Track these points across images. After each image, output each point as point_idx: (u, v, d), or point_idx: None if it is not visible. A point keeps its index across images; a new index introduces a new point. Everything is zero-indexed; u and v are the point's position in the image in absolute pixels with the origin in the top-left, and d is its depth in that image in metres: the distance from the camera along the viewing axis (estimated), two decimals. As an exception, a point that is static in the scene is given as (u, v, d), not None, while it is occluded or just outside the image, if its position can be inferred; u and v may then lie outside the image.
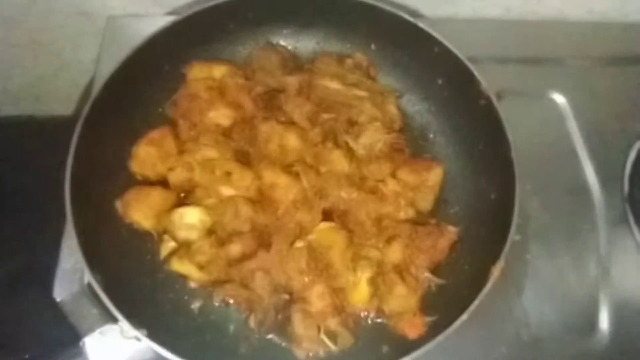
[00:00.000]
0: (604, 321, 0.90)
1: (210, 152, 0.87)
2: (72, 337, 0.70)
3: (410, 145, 0.95)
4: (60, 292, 0.79)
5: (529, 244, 0.95)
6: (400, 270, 0.82)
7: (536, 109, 1.07)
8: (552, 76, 1.10)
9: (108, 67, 0.87)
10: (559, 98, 1.07)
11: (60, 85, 1.36)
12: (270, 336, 0.81)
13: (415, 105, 0.99)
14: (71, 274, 0.82)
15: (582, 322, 0.90)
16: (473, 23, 1.15)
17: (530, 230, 0.96)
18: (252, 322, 0.81)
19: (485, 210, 0.87)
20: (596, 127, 1.05)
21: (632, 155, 1.02)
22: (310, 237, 0.82)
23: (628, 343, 0.89)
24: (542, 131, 1.05)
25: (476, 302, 0.74)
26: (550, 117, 1.06)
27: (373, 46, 0.99)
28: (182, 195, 0.88)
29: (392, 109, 0.94)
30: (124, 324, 0.71)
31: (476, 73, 0.88)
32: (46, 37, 1.21)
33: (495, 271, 0.76)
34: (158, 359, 0.77)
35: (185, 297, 0.84)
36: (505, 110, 0.87)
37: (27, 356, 0.64)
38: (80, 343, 0.71)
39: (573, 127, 1.05)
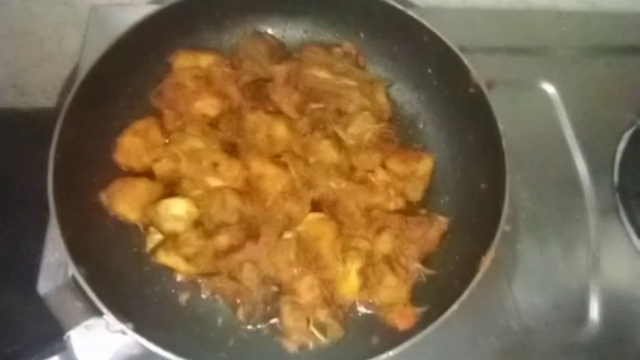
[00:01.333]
0: (594, 311, 0.90)
1: (197, 143, 0.86)
2: (56, 331, 0.68)
3: (400, 135, 0.94)
4: (44, 285, 0.77)
5: (520, 234, 0.94)
6: (390, 261, 0.81)
7: (526, 99, 1.06)
8: (541, 66, 1.10)
9: (92, 57, 0.85)
10: (549, 88, 1.07)
11: (43, 77, 1.33)
12: (259, 328, 0.80)
13: (405, 95, 0.98)
14: (55, 267, 0.80)
15: (572, 311, 0.90)
16: (463, 12, 1.14)
17: (520, 220, 0.95)
18: (240, 315, 0.80)
19: (475, 201, 0.86)
20: (586, 116, 1.05)
21: (622, 145, 1.03)
22: (299, 228, 0.81)
23: (618, 332, 0.89)
24: (532, 121, 1.05)
25: (467, 293, 0.73)
26: (540, 107, 1.06)
27: (362, 35, 0.98)
28: (168, 186, 0.86)
29: (381, 99, 0.93)
30: (109, 317, 0.70)
31: (466, 61, 0.87)
32: (28, 27, 1.18)
33: (486, 261, 0.75)
34: (145, 353, 0.77)
35: (172, 290, 0.82)
36: (494, 100, 0.85)
37: (9, 351, 0.62)
38: (65, 337, 0.69)
39: (563, 116, 1.05)
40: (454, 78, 0.89)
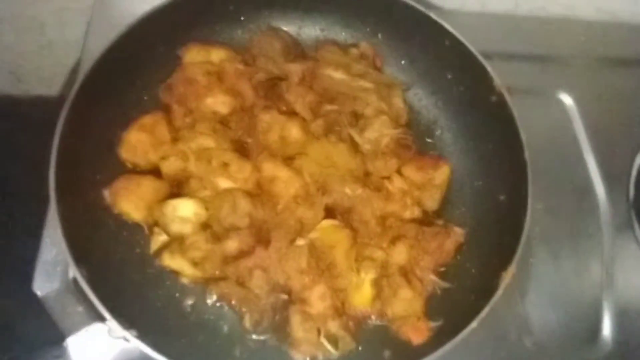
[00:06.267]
0: (607, 328, 0.89)
1: (207, 141, 0.82)
2: (55, 337, 0.64)
3: (416, 141, 0.90)
4: (42, 286, 0.73)
5: (533, 248, 0.92)
6: (406, 272, 0.78)
7: (542, 108, 1.04)
8: (559, 75, 1.08)
9: (95, 47, 0.81)
10: (566, 98, 1.05)
11: (42, 64, 1.28)
12: (266, 338, 0.77)
13: (422, 100, 0.95)
14: (53, 267, 0.76)
15: (585, 328, 0.88)
16: (480, 16, 1.11)
17: (534, 233, 0.93)
18: (247, 323, 0.76)
19: (493, 213, 0.84)
20: (603, 128, 1.03)
21: (638, 160, 1.01)
22: (313, 235, 0.78)
23: (631, 350, 0.88)
24: (548, 131, 1.02)
25: (486, 309, 0.71)
26: (557, 117, 1.04)
27: (380, 36, 0.95)
28: (176, 186, 0.83)
29: (398, 102, 0.90)
30: (111, 323, 0.66)
31: (489, 68, 0.84)
32: (29, 11, 1.14)
33: (507, 277, 0.73)
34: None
35: (177, 295, 0.78)
36: (511, 109, 0.83)
37: (6, 358, 0.58)
38: (64, 343, 0.65)
39: (579, 127, 1.03)
40: (476, 85, 0.86)
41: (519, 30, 1.10)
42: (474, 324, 0.70)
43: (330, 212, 0.82)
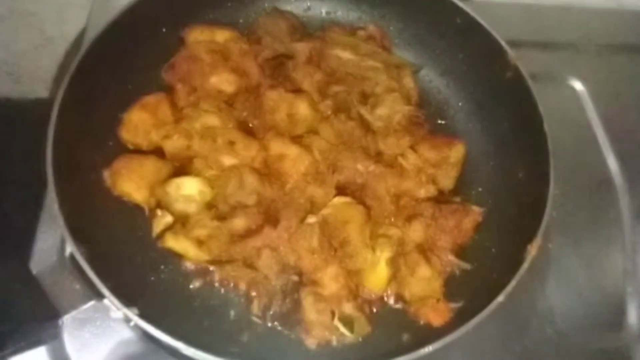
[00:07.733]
0: (633, 315, 0.85)
1: (212, 119, 0.79)
2: (50, 314, 0.59)
3: (428, 123, 0.87)
4: (38, 262, 0.69)
5: (551, 233, 0.88)
6: (424, 250, 0.74)
7: (554, 94, 1.02)
8: (568, 62, 1.06)
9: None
10: (577, 84, 1.03)
11: (41, 64, 1.25)
12: (276, 322, 0.72)
13: (433, 81, 0.92)
14: (51, 244, 0.72)
15: (609, 315, 0.85)
16: (487, 5, 1.09)
17: (551, 219, 0.88)
18: (256, 307, 0.72)
19: (512, 190, 0.81)
20: (615, 114, 1.01)
21: (654, 144, 0.98)
22: (325, 211, 0.74)
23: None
24: (561, 117, 0.97)
25: (513, 283, 0.67)
26: (569, 102, 1.02)
27: (387, 17, 0.93)
28: (179, 167, 0.79)
29: (408, 82, 0.87)
30: (111, 299, 0.61)
31: (503, 43, 0.82)
32: (28, 7, 1.12)
33: (533, 250, 0.69)
34: (143, 352, 0.70)
35: (181, 279, 0.74)
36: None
37: (-1, 329, 0.53)
38: (59, 322, 0.60)
39: (592, 113, 1.01)
40: (489, 62, 0.84)
41: (526, 18, 1.09)
42: (500, 298, 0.66)
43: (342, 191, 0.78)
